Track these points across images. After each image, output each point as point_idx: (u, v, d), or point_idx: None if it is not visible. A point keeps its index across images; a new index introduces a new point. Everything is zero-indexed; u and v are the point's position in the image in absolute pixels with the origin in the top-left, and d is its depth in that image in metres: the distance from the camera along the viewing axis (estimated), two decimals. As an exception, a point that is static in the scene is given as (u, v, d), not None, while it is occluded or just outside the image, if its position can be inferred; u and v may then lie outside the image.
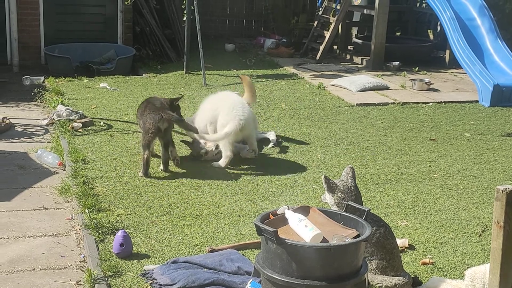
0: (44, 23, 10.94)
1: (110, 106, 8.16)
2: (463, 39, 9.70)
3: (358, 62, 11.67)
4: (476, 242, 4.73)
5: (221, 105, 6.29)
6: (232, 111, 6.18)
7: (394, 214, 5.19)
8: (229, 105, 6.25)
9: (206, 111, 6.44)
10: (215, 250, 4.41)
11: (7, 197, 5.46)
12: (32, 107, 8.42)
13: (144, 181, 5.71)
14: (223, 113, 6.21)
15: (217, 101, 6.43)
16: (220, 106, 6.29)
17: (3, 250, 4.54)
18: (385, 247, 3.88)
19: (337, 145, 6.94)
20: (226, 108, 6.22)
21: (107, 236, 4.61)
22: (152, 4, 11.36)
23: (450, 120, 8.08)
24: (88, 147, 6.55)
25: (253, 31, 13.86)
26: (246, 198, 5.42)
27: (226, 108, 6.22)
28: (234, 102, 6.30)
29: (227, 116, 6.16)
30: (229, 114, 6.16)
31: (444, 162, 6.50)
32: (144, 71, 10.42)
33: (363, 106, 8.60)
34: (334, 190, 3.83)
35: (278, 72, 10.66)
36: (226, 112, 6.19)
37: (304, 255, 3.16)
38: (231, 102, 6.29)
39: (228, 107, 6.23)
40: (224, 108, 6.24)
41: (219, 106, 6.30)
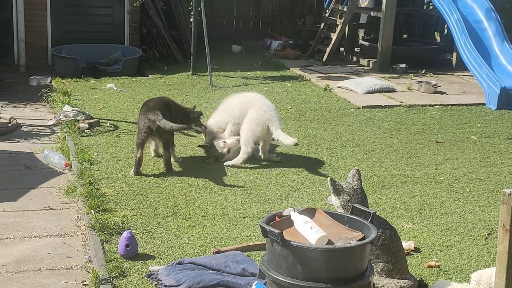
0: (51, 24, 10.98)
1: (116, 107, 8.18)
2: (470, 42, 9.68)
3: (365, 64, 11.66)
4: (482, 245, 4.72)
5: (255, 105, 6.32)
6: (271, 110, 6.29)
7: (400, 216, 5.18)
8: (267, 105, 6.34)
9: (232, 110, 6.44)
10: (220, 252, 4.41)
11: (13, 197, 5.47)
12: (39, 107, 8.44)
13: (150, 182, 5.72)
14: (262, 111, 6.25)
15: (247, 100, 6.43)
16: (254, 105, 6.31)
17: (9, 250, 4.56)
18: (390, 249, 3.87)
19: (343, 147, 6.93)
20: (265, 107, 6.29)
21: (112, 236, 4.62)
22: (159, 5, 11.38)
23: (456, 122, 8.06)
24: (94, 147, 6.56)
25: (260, 33, 13.86)
26: (251, 199, 5.42)
27: (264, 107, 6.29)
28: (268, 103, 6.43)
29: (265, 114, 6.23)
30: (267, 113, 6.24)
31: (450, 164, 6.49)
32: (151, 72, 10.43)
33: (369, 108, 8.59)
34: (340, 192, 3.83)
35: (285, 73, 10.66)
36: (265, 110, 6.25)
37: (309, 257, 3.15)
38: (266, 102, 6.40)
39: (267, 106, 6.32)
40: (263, 107, 6.30)
41: (251, 105, 6.32)
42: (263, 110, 6.27)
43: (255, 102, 6.36)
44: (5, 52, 10.63)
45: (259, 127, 6.20)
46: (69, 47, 10.67)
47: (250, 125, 6.22)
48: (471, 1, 10.47)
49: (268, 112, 6.27)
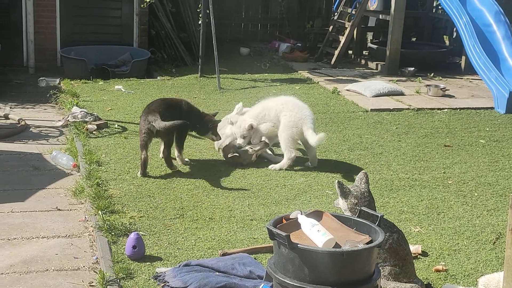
0: (61, 26, 11.01)
1: (124, 109, 8.20)
2: (479, 45, 9.65)
3: (373, 67, 11.64)
4: (490, 250, 4.70)
5: (286, 108, 6.33)
6: (303, 110, 6.36)
7: (408, 220, 5.17)
8: (298, 106, 6.37)
9: (269, 112, 6.42)
10: (227, 254, 4.40)
11: (21, 198, 5.49)
12: (47, 108, 8.47)
13: (158, 184, 5.73)
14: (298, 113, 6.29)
15: (280, 103, 6.43)
16: (285, 108, 6.32)
17: (16, 251, 4.57)
18: (398, 253, 3.86)
19: (351, 150, 6.92)
20: (296, 109, 6.33)
21: (120, 238, 4.62)
22: (168, 7, 11.40)
23: (465, 126, 8.04)
24: (102, 149, 6.58)
25: (268, 35, 13.86)
26: (259, 202, 5.42)
27: (296, 109, 6.33)
28: (299, 103, 6.46)
29: (297, 115, 6.27)
30: (298, 113, 6.28)
31: (458, 168, 6.47)
32: (159, 74, 10.45)
33: (377, 111, 8.57)
34: (347, 195, 3.82)
35: (293, 76, 10.66)
36: (296, 111, 6.29)
37: (316, 260, 3.15)
38: (298, 104, 6.43)
39: (298, 107, 6.36)
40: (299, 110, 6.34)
41: (283, 109, 6.32)
42: (294, 111, 6.27)
43: (286, 105, 6.35)
44: (14, 53, 10.67)
45: (294, 129, 6.23)
46: (78, 48, 10.70)
47: (286, 131, 6.23)
48: (480, 5, 10.43)
49: (299, 112, 6.28)
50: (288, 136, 6.23)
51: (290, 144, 6.25)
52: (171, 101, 6.38)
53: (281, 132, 6.27)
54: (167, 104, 6.19)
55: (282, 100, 6.50)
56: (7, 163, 6.34)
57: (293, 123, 6.22)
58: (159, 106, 6.08)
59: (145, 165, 5.92)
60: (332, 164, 6.48)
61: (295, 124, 6.22)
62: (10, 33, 10.57)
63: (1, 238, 4.75)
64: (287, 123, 6.23)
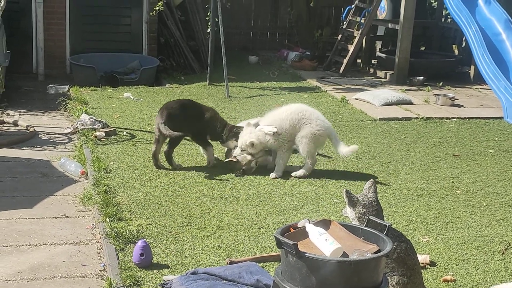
0: (70, 33, 11.08)
1: (133, 116, 8.21)
2: (488, 55, 9.62)
3: (382, 76, 11.63)
4: (499, 260, 4.67)
5: (311, 117, 6.33)
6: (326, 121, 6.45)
7: (416, 230, 5.14)
8: (322, 118, 6.42)
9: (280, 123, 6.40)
10: (234, 262, 4.40)
11: (29, 205, 5.50)
12: (56, 115, 8.50)
13: (165, 191, 5.73)
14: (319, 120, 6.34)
15: (299, 111, 6.41)
16: (311, 118, 6.33)
17: (24, 257, 4.58)
18: (406, 263, 3.84)
19: (359, 159, 6.91)
20: (321, 118, 6.39)
21: (127, 245, 4.62)
22: (177, 15, 11.44)
23: (474, 136, 8.01)
24: (110, 156, 6.59)
25: (277, 44, 13.88)
26: (266, 210, 5.41)
27: (321, 118, 6.39)
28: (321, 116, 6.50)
29: (324, 124, 6.35)
30: (325, 123, 6.37)
31: (467, 178, 6.44)
32: (168, 82, 10.48)
33: (386, 120, 8.56)
34: (355, 204, 3.81)
35: (301, 85, 10.66)
36: (323, 120, 6.37)
37: (324, 269, 3.13)
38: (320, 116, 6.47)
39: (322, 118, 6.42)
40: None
41: (307, 119, 6.31)
42: (320, 120, 6.31)
43: (310, 114, 6.32)
44: (24, 60, 10.73)
45: (322, 138, 6.31)
46: (87, 56, 10.75)
47: (311, 140, 6.23)
48: (490, 14, 10.41)
49: (324, 121, 6.36)
50: (313, 145, 6.27)
51: (314, 151, 6.33)
52: (189, 104, 6.51)
53: (304, 139, 6.24)
54: (183, 106, 6.34)
55: (298, 108, 6.44)
56: (15, 169, 6.36)
57: (322, 133, 6.26)
58: (172, 107, 6.29)
59: (154, 157, 6.26)
60: (340, 173, 6.47)
61: (322, 134, 6.27)
62: (20, 40, 10.63)
63: (9, 245, 4.76)
64: (315, 132, 6.23)
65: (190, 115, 6.36)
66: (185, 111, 6.34)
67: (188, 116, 6.33)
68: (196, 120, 6.37)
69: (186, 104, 6.50)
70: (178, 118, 6.23)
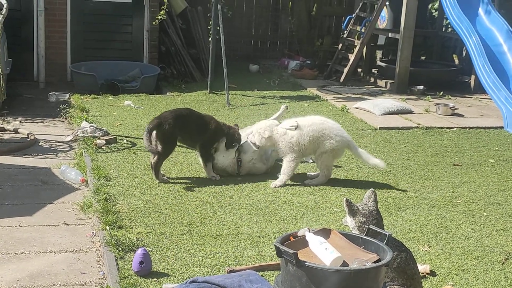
0: (71, 41, 11.11)
1: (133, 124, 8.22)
2: (488, 65, 9.64)
3: (382, 85, 11.65)
4: (499, 270, 4.67)
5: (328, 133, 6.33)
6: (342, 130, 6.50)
7: (416, 239, 5.14)
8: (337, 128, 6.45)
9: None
10: (234, 271, 4.39)
11: (29, 212, 5.50)
12: (57, 123, 8.51)
13: (165, 200, 5.73)
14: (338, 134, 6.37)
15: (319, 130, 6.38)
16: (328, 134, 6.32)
17: (24, 265, 4.57)
18: (406, 272, 3.84)
19: (360, 168, 6.90)
20: (336, 130, 6.40)
21: (127, 253, 4.62)
22: (178, 24, 11.47)
23: (474, 145, 8.01)
24: (110, 164, 6.59)
25: (278, 53, 13.91)
26: (266, 219, 5.41)
27: (336, 130, 6.40)
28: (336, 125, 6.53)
29: (343, 135, 6.39)
30: (343, 133, 6.43)
31: (467, 188, 6.44)
32: (168, 90, 10.49)
33: (386, 129, 8.57)
34: (355, 213, 3.81)
35: (302, 93, 10.67)
36: (338, 133, 6.37)
37: (323, 279, 3.13)
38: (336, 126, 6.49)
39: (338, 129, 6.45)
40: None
41: (325, 135, 6.30)
42: (339, 134, 6.33)
43: (330, 130, 6.31)
44: (25, 68, 10.75)
45: (340, 152, 6.39)
46: (88, 64, 10.77)
47: (331, 155, 6.28)
48: (490, 24, 10.44)
49: (343, 133, 6.41)
50: (332, 159, 6.34)
51: (331, 165, 6.40)
52: (186, 113, 6.41)
53: (324, 155, 6.26)
54: (178, 116, 6.24)
55: (319, 125, 6.35)
56: (16, 177, 6.36)
57: (339, 147, 6.30)
58: (166, 117, 6.20)
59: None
60: (341, 182, 6.46)
61: (341, 148, 6.33)
62: (21, 48, 10.65)
63: (8, 252, 4.75)
64: (333, 148, 6.25)
65: (199, 124, 6.32)
66: (180, 119, 6.22)
67: (196, 125, 6.30)
68: (200, 131, 6.32)
69: (175, 113, 6.30)
70: (191, 127, 6.24)
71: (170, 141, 6.20)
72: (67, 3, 10.96)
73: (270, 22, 14.05)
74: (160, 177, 6.15)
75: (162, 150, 6.14)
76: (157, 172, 6.15)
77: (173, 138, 6.21)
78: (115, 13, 11.31)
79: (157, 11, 10.40)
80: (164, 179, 6.17)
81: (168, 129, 6.09)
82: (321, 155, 6.27)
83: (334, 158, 6.38)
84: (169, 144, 6.21)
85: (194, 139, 6.35)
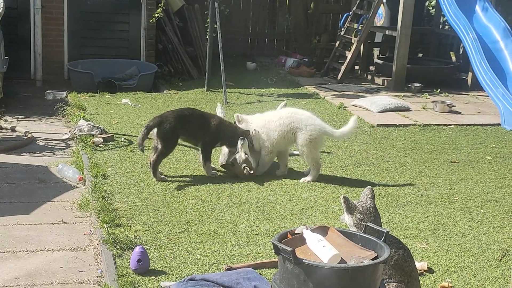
0: (68, 39, 11.09)
1: (131, 122, 8.22)
2: (485, 62, 9.63)
3: (380, 82, 11.65)
4: (497, 267, 4.67)
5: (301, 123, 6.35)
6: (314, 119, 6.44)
7: (413, 236, 5.14)
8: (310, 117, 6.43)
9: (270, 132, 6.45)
10: (232, 268, 4.39)
11: (27, 211, 5.50)
12: (54, 121, 8.50)
13: (163, 198, 5.73)
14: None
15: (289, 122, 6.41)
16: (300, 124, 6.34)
17: (21, 263, 4.57)
18: (403, 269, 3.84)
19: (357, 165, 6.91)
20: (310, 120, 6.38)
21: (124, 251, 4.62)
22: (175, 22, 11.46)
23: (471, 142, 8.02)
24: (108, 162, 6.59)
25: (275, 50, 13.91)
26: (264, 216, 5.41)
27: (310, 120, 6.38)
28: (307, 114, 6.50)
29: (315, 124, 6.35)
30: (316, 121, 6.38)
31: (464, 185, 6.45)
32: (166, 88, 10.48)
33: (383, 127, 8.57)
34: (353, 210, 3.81)
35: (299, 91, 10.67)
36: (311, 123, 6.34)
37: (321, 276, 3.13)
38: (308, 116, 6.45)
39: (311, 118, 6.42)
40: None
41: (297, 126, 6.33)
42: (310, 123, 6.29)
43: (299, 121, 6.31)
44: (22, 66, 10.73)
45: (319, 140, 6.29)
46: (85, 62, 10.76)
47: (309, 146, 6.25)
48: (488, 21, 10.44)
49: (315, 121, 6.33)
50: (314, 150, 6.29)
51: (316, 156, 6.34)
52: (186, 112, 6.41)
53: (303, 147, 6.27)
54: (180, 116, 6.25)
55: (287, 117, 6.40)
56: (13, 175, 6.35)
57: (316, 135, 6.25)
58: (166, 116, 6.22)
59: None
60: (338, 179, 6.47)
61: (318, 136, 6.27)
62: (18, 46, 10.63)
63: (6, 251, 4.75)
64: (310, 137, 6.24)
65: (201, 124, 6.33)
66: (181, 118, 6.24)
67: (199, 125, 6.32)
68: (202, 130, 6.32)
69: (175, 113, 6.31)
70: (193, 127, 6.27)
71: (170, 140, 6.21)
72: (64, 1, 10.94)
73: (267, 20, 14.05)
74: (158, 175, 6.15)
75: (161, 148, 6.16)
76: (155, 170, 6.15)
77: (173, 137, 6.22)
78: (112, 11, 11.30)
79: (154, 9, 10.39)
80: (161, 177, 6.17)
81: (168, 128, 6.11)
82: (302, 149, 6.30)
83: (315, 148, 6.31)
84: (169, 143, 6.22)
85: (197, 137, 6.36)
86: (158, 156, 6.15)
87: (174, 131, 6.16)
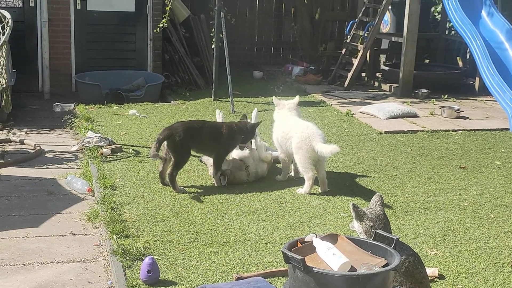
0: (75, 51, 11.15)
1: (139, 133, 8.23)
2: (492, 67, 9.61)
3: (387, 89, 11.64)
4: (508, 272, 4.64)
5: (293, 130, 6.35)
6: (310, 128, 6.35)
7: (424, 243, 5.12)
8: (306, 126, 6.40)
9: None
10: (242, 278, 4.38)
11: (36, 223, 5.50)
12: (62, 133, 8.53)
13: (172, 208, 5.73)
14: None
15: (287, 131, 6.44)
16: (293, 131, 6.34)
17: (31, 276, 4.57)
18: (414, 276, 3.82)
19: (366, 172, 6.89)
20: (302, 128, 6.34)
21: (134, 262, 4.61)
22: (181, 32, 11.50)
23: (480, 148, 7.99)
24: (116, 173, 6.60)
25: (281, 59, 13.93)
26: (273, 225, 5.40)
27: (302, 128, 6.34)
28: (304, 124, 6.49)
29: (303, 134, 6.26)
30: (305, 132, 6.27)
31: (474, 190, 6.42)
32: (173, 98, 10.51)
33: (391, 133, 8.56)
34: (362, 218, 3.80)
35: (306, 99, 10.67)
36: (302, 131, 6.28)
37: (332, 284, 3.12)
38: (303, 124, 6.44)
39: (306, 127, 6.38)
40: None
41: (291, 134, 6.33)
42: (302, 131, 6.25)
43: (293, 128, 6.34)
44: (30, 79, 10.79)
45: (305, 147, 6.14)
46: (92, 73, 10.81)
47: (298, 154, 6.21)
48: (493, 26, 10.43)
49: (307, 130, 6.26)
50: (302, 158, 6.20)
51: (307, 164, 6.19)
52: (194, 124, 6.42)
53: (295, 155, 6.27)
54: (189, 127, 6.25)
55: (288, 126, 6.47)
56: (22, 188, 6.37)
57: (303, 143, 6.18)
58: (176, 127, 6.21)
59: (161, 176, 6.29)
60: (347, 186, 6.46)
61: (305, 144, 6.16)
62: (25, 59, 10.70)
63: (16, 263, 4.76)
64: (297, 145, 6.21)
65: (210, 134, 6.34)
66: (190, 130, 6.23)
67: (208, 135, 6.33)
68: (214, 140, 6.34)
69: (185, 125, 6.29)
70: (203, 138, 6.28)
71: (182, 152, 6.21)
72: (71, 14, 11.00)
73: (273, 29, 14.08)
74: (177, 188, 6.13)
75: (175, 161, 6.17)
76: (174, 183, 6.12)
77: (184, 149, 6.22)
78: (118, 22, 11.35)
79: (160, 20, 10.42)
80: (181, 189, 6.16)
81: (178, 141, 6.11)
82: (295, 157, 6.29)
83: (305, 158, 6.15)
84: (181, 155, 6.21)
85: (210, 150, 6.39)
86: (173, 169, 6.14)
87: (184, 143, 6.16)
